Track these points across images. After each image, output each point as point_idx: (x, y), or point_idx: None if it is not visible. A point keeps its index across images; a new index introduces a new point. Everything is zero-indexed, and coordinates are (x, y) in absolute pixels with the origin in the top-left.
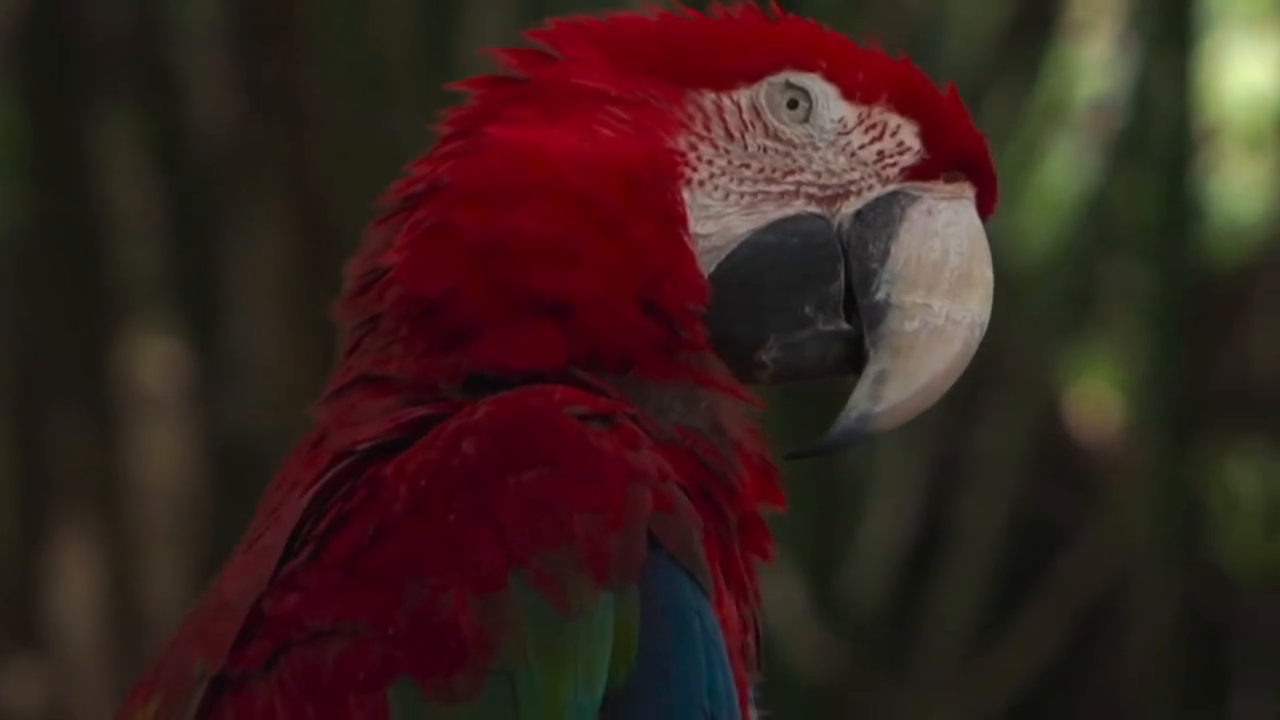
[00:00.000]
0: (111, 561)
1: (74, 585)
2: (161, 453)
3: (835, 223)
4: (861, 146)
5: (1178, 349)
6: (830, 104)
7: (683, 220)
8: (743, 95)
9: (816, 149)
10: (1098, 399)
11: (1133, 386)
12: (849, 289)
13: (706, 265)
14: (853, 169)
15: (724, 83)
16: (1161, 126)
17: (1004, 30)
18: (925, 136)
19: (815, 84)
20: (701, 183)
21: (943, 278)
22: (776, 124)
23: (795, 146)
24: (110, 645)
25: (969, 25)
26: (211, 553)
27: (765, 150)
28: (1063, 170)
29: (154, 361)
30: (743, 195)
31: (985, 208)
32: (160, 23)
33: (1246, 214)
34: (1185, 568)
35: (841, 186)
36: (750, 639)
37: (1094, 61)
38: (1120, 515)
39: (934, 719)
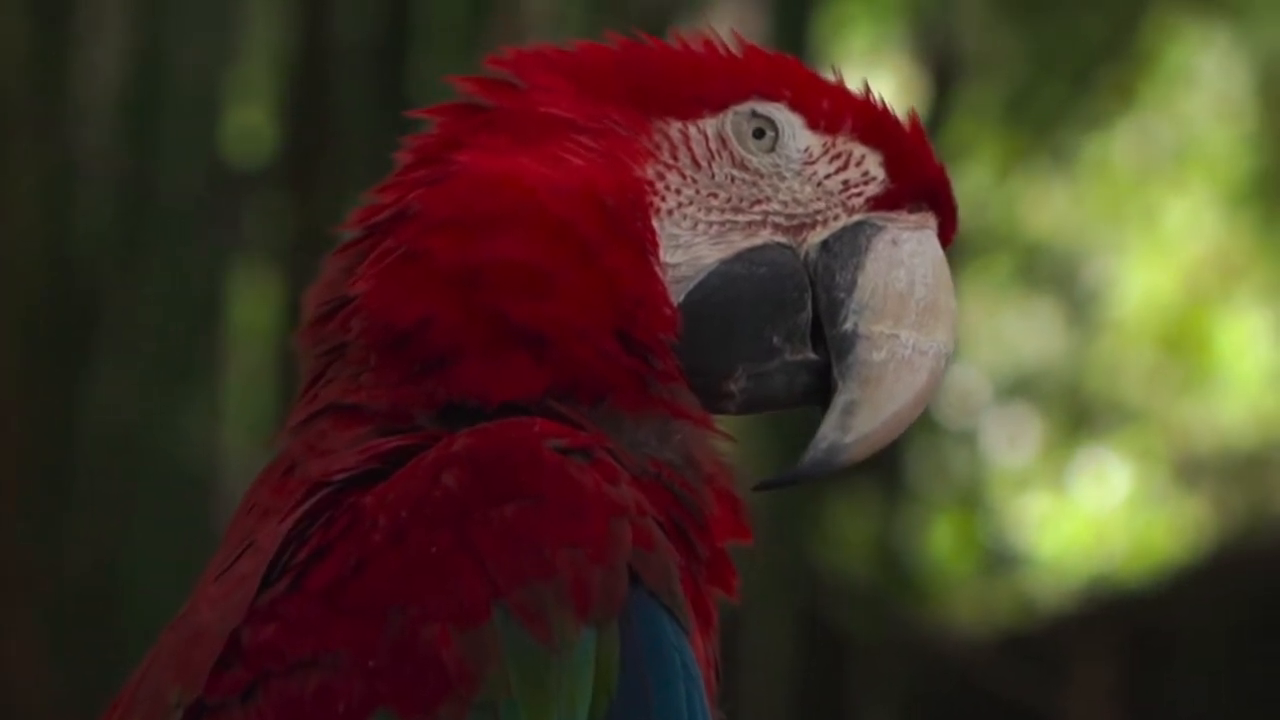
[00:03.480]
0: None
1: None
2: None
3: (802, 253)
4: (827, 176)
5: None
6: (796, 134)
7: (654, 250)
8: (709, 124)
9: (783, 179)
10: None
11: (741, 422)
12: (816, 319)
13: (675, 295)
14: (819, 199)
15: (690, 111)
16: None
17: None
18: (889, 167)
19: (781, 113)
20: (670, 212)
21: (909, 308)
22: (743, 153)
23: (762, 176)
24: None
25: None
26: None
27: (732, 180)
28: None
29: None
30: (711, 225)
31: (946, 238)
32: None
33: None
34: (796, 602)
35: (808, 216)
36: (712, 674)
37: None
38: (732, 551)
39: None
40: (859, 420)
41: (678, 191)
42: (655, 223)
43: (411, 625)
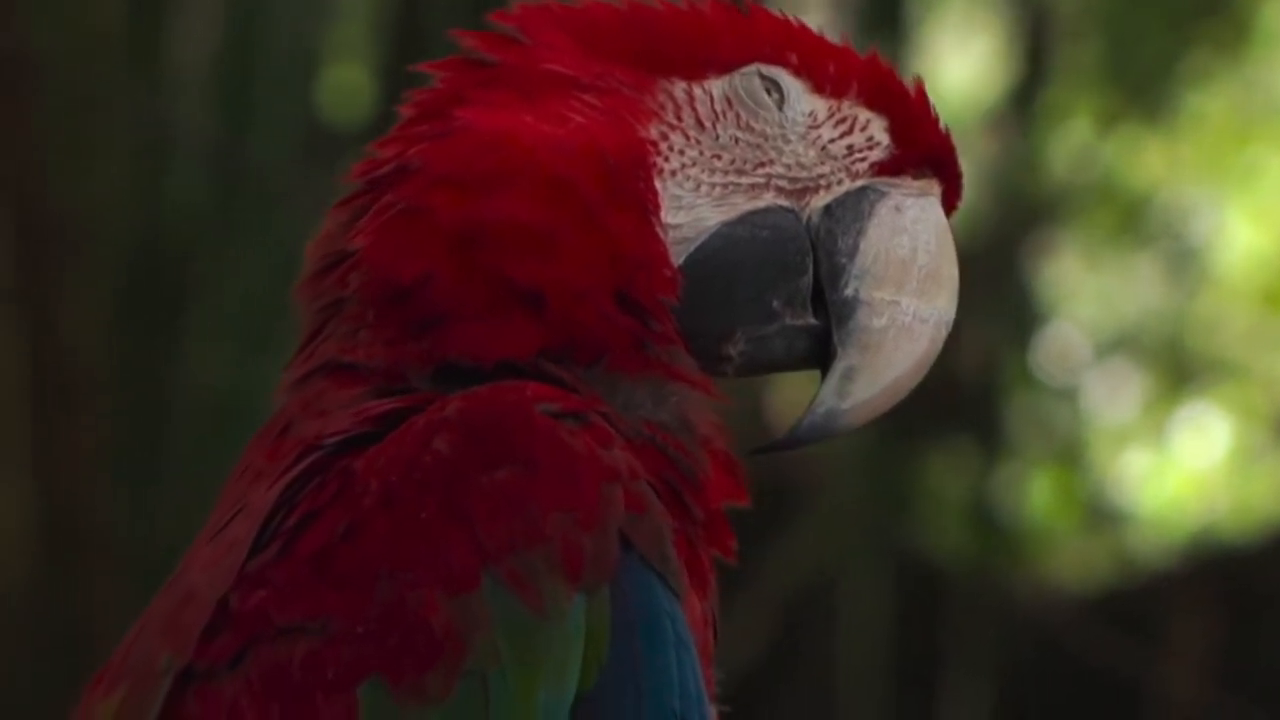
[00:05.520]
0: None
1: None
2: None
3: (805, 216)
4: (831, 140)
5: None
6: (801, 97)
7: (656, 210)
8: (714, 85)
9: (787, 142)
10: (805, 394)
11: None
12: (817, 284)
13: (676, 256)
14: (823, 163)
15: (696, 72)
16: None
17: None
18: (894, 132)
19: (786, 76)
20: (673, 172)
21: (911, 275)
22: (748, 115)
23: (766, 138)
24: None
25: None
26: None
27: (736, 141)
28: None
29: None
30: (714, 186)
31: (950, 204)
32: None
33: None
34: (894, 560)
35: (811, 180)
36: (710, 634)
37: None
38: (830, 509)
39: None
40: (858, 386)
41: (681, 152)
42: (658, 183)
43: (401, 591)
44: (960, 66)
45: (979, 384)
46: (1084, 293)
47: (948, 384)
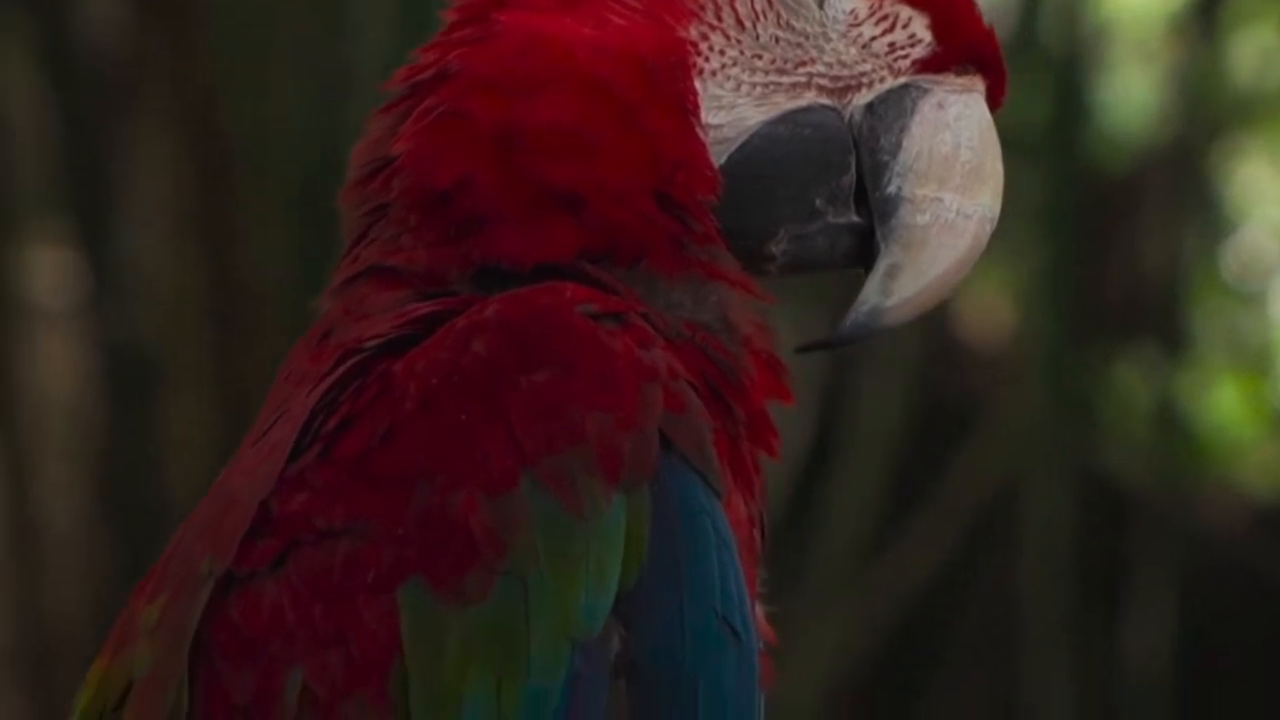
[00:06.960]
0: (4, 474)
1: None
2: (54, 364)
3: (847, 115)
4: (873, 38)
5: (1068, 253)
6: None
7: (696, 111)
8: None
9: (829, 40)
10: (988, 303)
11: (1023, 290)
12: (859, 181)
13: (717, 156)
14: (864, 61)
15: None
16: (1053, 27)
17: None
18: (936, 29)
19: None
20: (714, 73)
21: (954, 171)
22: (788, 14)
23: (807, 37)
24: (4, 558)
25: None
26: (104, 463)
27: (777, 41)
28: None
29: (45, 272)
30: (754, 86)
31: (995, 101)
32: None
33: (1135, 118)
34: (1077, 470)
35: (853, 78)
36: (756, 533)
37: None
38: (1012, 418)
39: (827, 625)
40: (901, 283)
41: (721, 52)
42: (698, 83)
43: (440, 493)
44: None
45: (1166, 291)
46: (1272, 198)
47: (1134, 291)
